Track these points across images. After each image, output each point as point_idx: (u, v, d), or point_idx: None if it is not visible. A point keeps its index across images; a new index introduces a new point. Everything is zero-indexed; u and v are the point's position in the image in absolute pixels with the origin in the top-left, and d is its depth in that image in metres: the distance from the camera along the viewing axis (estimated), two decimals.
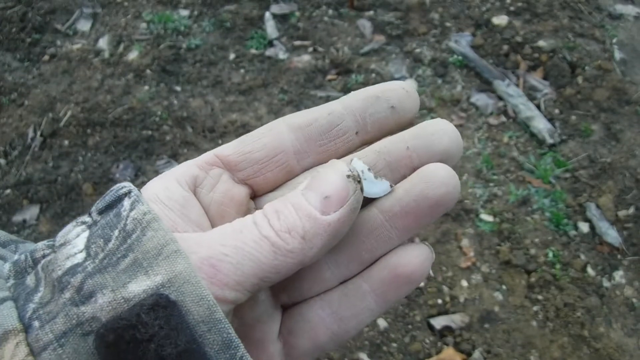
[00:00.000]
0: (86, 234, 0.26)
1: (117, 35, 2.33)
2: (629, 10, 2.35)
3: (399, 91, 0.33)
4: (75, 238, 0.26)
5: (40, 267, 0.26)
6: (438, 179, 0.29)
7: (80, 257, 0.25)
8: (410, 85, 0.34)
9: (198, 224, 0.30)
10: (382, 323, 1.54)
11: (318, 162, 0.33)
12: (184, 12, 2.43)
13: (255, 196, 0.33)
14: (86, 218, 0.27)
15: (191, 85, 2.15)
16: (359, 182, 0.28)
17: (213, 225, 0.31)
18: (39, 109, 2.05)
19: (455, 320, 1.53)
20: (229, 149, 0.32)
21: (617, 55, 2.16)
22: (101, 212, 0.27)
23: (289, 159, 0.32)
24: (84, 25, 2.39)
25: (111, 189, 0.28)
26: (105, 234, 0.26)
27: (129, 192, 0.27)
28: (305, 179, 0.29)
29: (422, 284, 1.61)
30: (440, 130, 0.31)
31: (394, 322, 1.54)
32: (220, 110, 2.05)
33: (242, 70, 2.20)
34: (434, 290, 1.60)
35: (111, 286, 0.24)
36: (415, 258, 0.30)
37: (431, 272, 1.63)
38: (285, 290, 0.32)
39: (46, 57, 2.26)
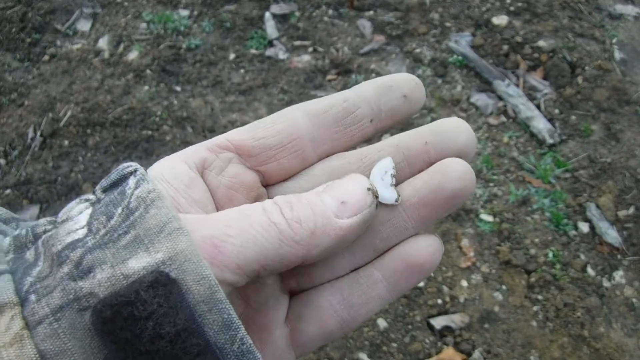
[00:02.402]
0: (89, 210, 0.26)
1: (117, 35, 2.33)
2: (629, 10, 2.35)
3: (410, 81, 0.33)
4: (78, 215, 0.26)
5: (41, 242, 0.25)
6: (456, 173, 0.30)
7: (82, 232, 0.25)
8: (415, 77, 0.34)
9: (201, 205, 0.30)
10: (382, 323, 1.54)
11: (334, 150, 0.33)
12: (184, 12, 2.43)
13: (267, 184, 0.33)
14: (90, 196, 0.27)
15: (191, 85, 2.15)
16: (377, 197, 0.29)
17: (219, 209, 0.31)
18: (39, 109, 2.05)
19: (455, 320, 1.54)
20: (242, 134, 0.32)
21: (617, 55, 2.16)
22: (105, 190, 0.27)
23: (305, 145, 0.32)
24: (84, 25, 2.39)
25: (117, 167, 0.28)
26: (109, 211, 0.25)
27: (135, 170, 0.27)
28: (323, 184, 0.29)
29: (421, 284, 1.61)
30: (457, 128, 0.32)
31: (394, 322, 1.54)
32: (220, 110, 2.05)
33: (242, 70, 2.20)
34: (434, 290, 1.60)
35: (110, 262, 0.23)
36: (426, 248, 0.31)
37: (431, 272, 1.63)
38: (294, 276, 0.32)
39: (46, 57, 2.26)
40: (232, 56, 2.25)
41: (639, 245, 1.67)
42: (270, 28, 2.33)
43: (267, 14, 2.38)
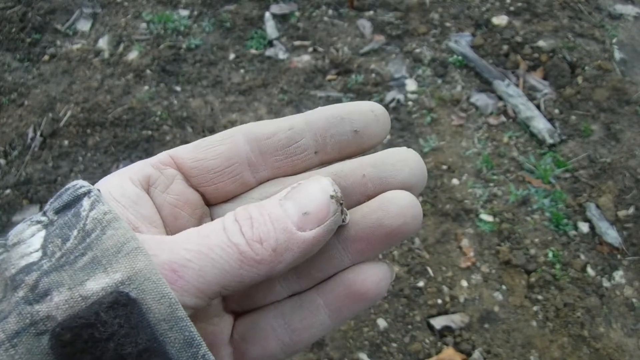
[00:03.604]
0: (42, 233, 0.25)
1: (117, 35, 2.33)
2: (629, 10, 2.35)
3: (367, 114, 0.31)
4: (30, 237, 0.25)
5: None
6: (396, 209, 0.28)
7: (36, 256, 0.24)
8: (380, 108, 0.31)
9: (150, 221, 0.29)
10: (382, 323, 1.54)
11: (273, 177, 0.32)
12: (184, 12, 2.43)
13: (209, 204, 0.33)
14: (41, 217, 0.26)
15: (191, 85, 2.15)
16: (341, 204, 0.27)
17: (166, 226, 0.31)
18: (39, 109, 2.05)
19: (455, 320, 1.54)
20: (184, 152, 0.31)
21: (617, 55, 2.16)
22: (58, 212, 0.26)
23: (243, 170, 0.31)
24: (84, 25, 2.39)
25: (66, 187, 0.27)
26: (64, 234, 0.25)
27: (89, 191, 0.26)
28: (285, 189, 0.28)
29: (421, 284, 1.61)
30: (401, 162, 0.30)
31: (393, 322, 1.54)
32: (220, 110, 2.05)
33: (242, 70, 2.20)
34: (434, 290, 1.60)
35: (68, 284, 0.23)
36: (371, 277, 0.29)
37: (431, 272, 1.63)
38: (234, 298, 0.32)
39: (46, 57, 2.26)
40: (232, 56, 2.25)
41: (639, 245, 1.67)
42: (270, 28, 2.33)
43: (267, 14, 2.38)
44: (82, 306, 0.22)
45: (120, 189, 0.29)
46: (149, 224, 0.29)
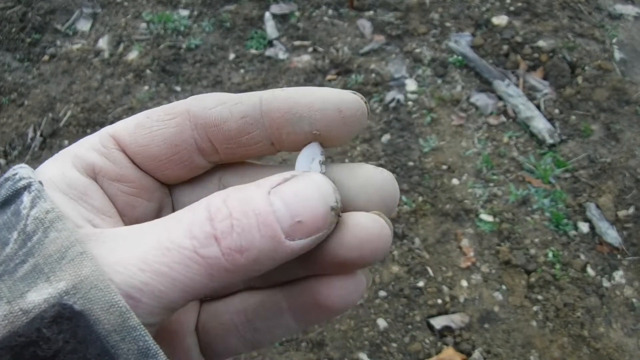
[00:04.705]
0: None
1: (117, 35, 2.33)
2: (629, 10, 2.35)
3: (332, 115, 0.26)
4: None
5: None
6: (355, 239, 0.25)
7: None
8: (351, 107, 0.26)
9: (104, 211, 0.26)
10: (382, 323, 1.54)
11: (227, 161, 0.29)
12: (184, 12, 2.43)
13: (167, 184, 0.30)
14: None
15: (191, 85, 2.15)
16: (339, 216, 0.24)
17: (123, 216, 0.28)
18: (39, 109, 2.05)
19: (455, 320, 1.54)
20: (126, 133, 0.27)
21: (617, 55, 2.16)
22: None
23: (193, 156, 0.28)
24: (84, 25, 2.39)
25: (5, 177, 0.24)
26: (3, 237, 0.22)
27: (29, 185, 0.23)
28: (276, 175, 0.24)
29: (421, 284, 1.61)
30: (368, 178, 0.27)
31: (393, 322, 1.54)
32: None
33: (242, 70, 2.20)
34: (434, 290, 1.60)
35: (7, 297, 0.21)
36: (337, 291, 0.26)
37: (431, 272, 1.63)
38: None
39: (46, 57, 2.26)
40: (232, 56, 2.25)
41: (639, 245, 1.67)
42: (270, 28, 2.33)
43: (267, 14, 2.38)
44: (22, 321, 0.20)
45: (65, 179, 0.26)
46: (104, 215, 0.26)
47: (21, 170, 0.24)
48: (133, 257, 0.22)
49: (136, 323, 0.21)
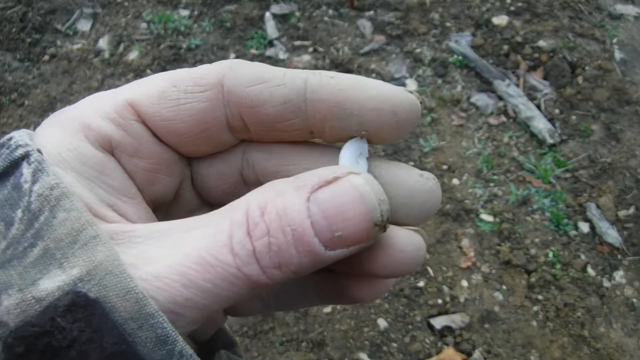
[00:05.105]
0: None
1: (117, 35, 2.33)
2: (629, 10, 2.35)
3: (386, 117, 0.24)
4: None
5: None
6: (399, 254, 0.24)
7: None
8: (409, 110, 0.24)
9: (124, 192, 0.24)
10: (382, 323, 1.54)
11: (258, 140, 0.27)
12: (184, 12, 2.43)
13: (188, 157, 0.28)
14: None
15: None
16: (384, 231, 0.22)
17: (142, 193, 0.26)
18: (39, 109, 2.05)
19: (455, 320, 1.54)
20: (148, 104, 0.24)
21: (617, 55, 2.16)
22: None
23: (221, 133, 0.25)
24: (84, 25, 2.39)
25: None
26: (6, 215, 0.21)
27: (27, 154, 0.21)
28: (317, 173, 0.22)
29: (422, 284, 1.61)
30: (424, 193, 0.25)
31: (394, 322, 1.54)
32: None
33: None
34: (434, 290, 1.60)
35: (18, 284, 0.20)
36: (368, 289, 0.27)
37: (431, 272, 1.63)
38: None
39: (46, 57, 2.26)
40: (232, 56, 2.25)
41: (639, 245, 1.67)
42: (271, 28, 2.33)
43: (267, 14, 2.38)
44: (36, 309, 0.19)
45: (79, 156, 0.23)
46: (125, 197, 0.24)
47: (16, 136, 0.22)
48: (174, 272, 0.21)
49: (153, 310, 0.20)
